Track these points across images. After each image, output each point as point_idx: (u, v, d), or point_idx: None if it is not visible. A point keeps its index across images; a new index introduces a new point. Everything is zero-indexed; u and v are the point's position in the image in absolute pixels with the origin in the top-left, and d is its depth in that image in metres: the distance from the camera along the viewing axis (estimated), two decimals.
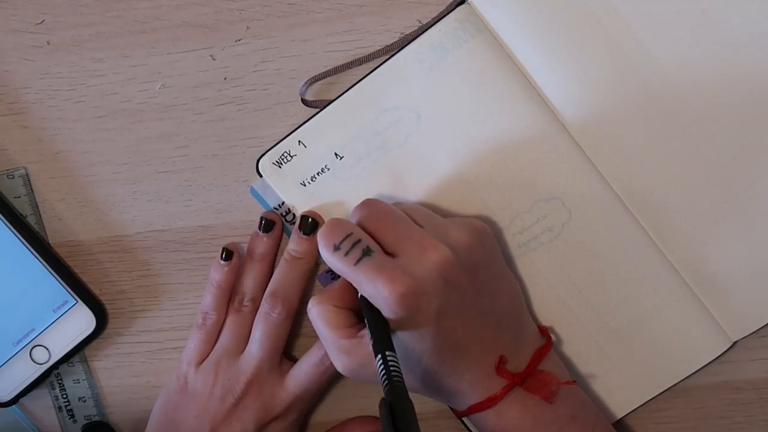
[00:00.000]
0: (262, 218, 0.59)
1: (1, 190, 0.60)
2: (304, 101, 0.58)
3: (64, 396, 0.62)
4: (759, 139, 0.56)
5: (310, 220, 0.58)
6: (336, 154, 0.57)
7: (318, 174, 0.58)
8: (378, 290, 0.49)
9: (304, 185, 0.58)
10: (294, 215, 0.58)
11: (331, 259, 0.51)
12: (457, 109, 0.56)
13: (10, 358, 0.60)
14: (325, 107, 0.57)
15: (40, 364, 0.60)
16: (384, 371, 0.46)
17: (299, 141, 0.58)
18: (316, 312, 0.53)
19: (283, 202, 0.58)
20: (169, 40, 0.59)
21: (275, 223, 0.59)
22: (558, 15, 0.55)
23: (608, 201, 0.56)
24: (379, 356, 0.47)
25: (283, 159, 0.58)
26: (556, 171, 0.56)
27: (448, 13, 0.56)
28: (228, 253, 0.59)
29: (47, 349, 0.60)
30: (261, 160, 0.58)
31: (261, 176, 0.58)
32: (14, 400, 0.60)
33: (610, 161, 0.56)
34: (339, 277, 0.58)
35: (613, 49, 0.55)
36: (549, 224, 0.57)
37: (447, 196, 0.57)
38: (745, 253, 0.56)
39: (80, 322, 0.60)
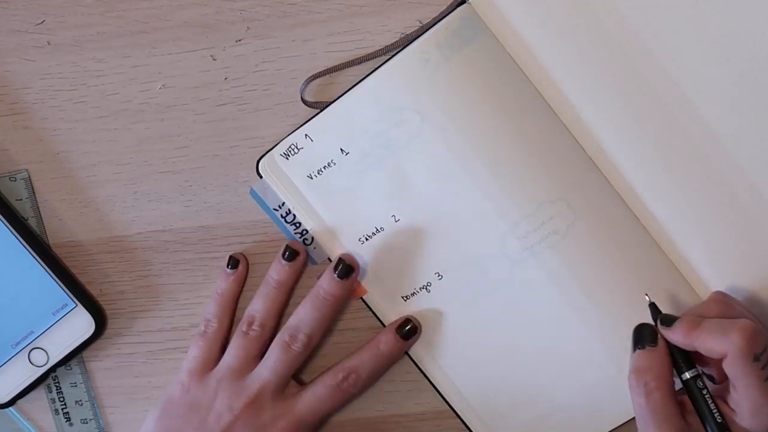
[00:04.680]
0: (287, 246, 0.58)
1: (3, 193, 0.60)
2: (304, 101, 0.58)
3: (61, 399, 0.62)
4: (760, 139, 0.55)
5: (346, 264, 0.57)
6: (342, 150, 0.57)
7: (324, 168, 0.58)
8: None
9: (311, 178, 0.58)
10: (294, 216, 0.58)
11: (745, 366, 0.49)
12: (460, 110, 0.56)
13: (9, 359, 0.60)
14: (332, 103, 0.57)
15: (38, 366, 0.60)
16: None
17: (306, 135, 0.58)
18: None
19: (283, 203, 0.58)
20: (169, 40, 0.59)
21: (299, 253, 0.58)
22: (558, 15, 0.55)
23: (612, 202, 0.56)
24: None
25: (290, 151, 0.58)
26: (561, 172, 0.56)
27: (449, 13, 0.56)
28: (234, 262, 0.59)
29: (45, 351, 0.60)
30: (261, 160, 0.58)
31: (261, 177, 0.58)
32: (11, 402, 0.60)
33: (612, 161, 0.56)
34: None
35: (615, 48, 0.55)
36: (554, 226, 0.57)
37: (451, 196, 0.57)
38: (745, 254, 0.56)
39: (79, 325, 0.60)
